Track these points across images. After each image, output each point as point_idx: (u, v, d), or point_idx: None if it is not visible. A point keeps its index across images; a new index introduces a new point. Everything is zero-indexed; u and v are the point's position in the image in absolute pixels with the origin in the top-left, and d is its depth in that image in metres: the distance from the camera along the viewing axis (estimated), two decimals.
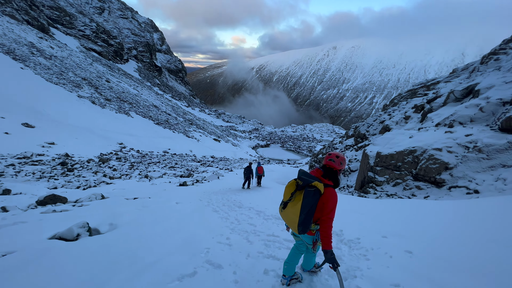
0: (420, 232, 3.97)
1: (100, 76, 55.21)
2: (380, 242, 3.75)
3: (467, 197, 6.98)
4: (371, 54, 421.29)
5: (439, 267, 2.78)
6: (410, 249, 3.35)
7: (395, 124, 17.70)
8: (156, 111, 54.86)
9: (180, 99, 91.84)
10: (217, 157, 39.79)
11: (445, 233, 3.85)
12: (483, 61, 16.71)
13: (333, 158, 2.44)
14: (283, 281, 2.68)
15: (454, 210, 4.99)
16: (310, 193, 2.25)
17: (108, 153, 26.37)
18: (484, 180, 7.19)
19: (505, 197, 5.40)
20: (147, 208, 7.63)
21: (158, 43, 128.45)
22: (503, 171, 7.05)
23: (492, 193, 6.51)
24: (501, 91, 9.86)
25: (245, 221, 5.80)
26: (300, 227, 2.25)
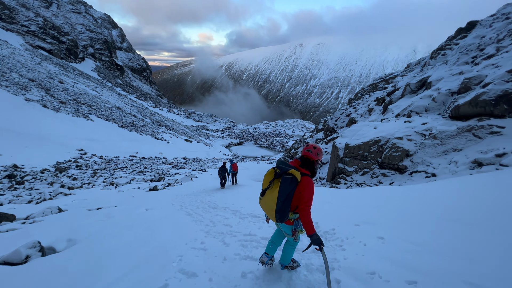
0: (389, 218, 4.15)
1: (52, 76, 49.91)
2: (354, 231, 3.84)
3: (426, 180, 7.60)
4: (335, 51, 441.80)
5: (409, 250, 2.89)
6: (382, 235, 3.46)
7: (360, 117, 18.71)
8: (119, 113, 51.28)
9: (146, 100, 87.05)
10: (190, 158, 38.51)
11: (411, 216, 4.06)
12: (432, 56, 18.37)
13: (310, 149, 2.54)
14: (263, 258, 2.79)
15: (417, 194, 5.34)
16: (287, 180, 2.31)
17: (66, 161, 24.02)
18: (439, 164, 7.89)
19: (458, 178, 5.93)
20: (112, 218, 7.02)
21: (118, 40, 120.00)
22: (455, 154, 7.80)
23: (447, 175, 7.16)
24: (449, 83, 10.90)
25: (220, 222, 5.59)
26: (278, 214, 2.30)
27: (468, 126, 7.92)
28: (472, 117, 8.20)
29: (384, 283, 2.29)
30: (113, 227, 6.07)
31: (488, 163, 6.61)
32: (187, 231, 5.05)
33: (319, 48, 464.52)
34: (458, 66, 12.03)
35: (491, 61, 9.47)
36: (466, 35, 16.38)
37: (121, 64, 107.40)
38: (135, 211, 7.88)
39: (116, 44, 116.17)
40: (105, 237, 5.21)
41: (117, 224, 6.31)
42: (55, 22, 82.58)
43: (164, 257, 3.50)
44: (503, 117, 7.53)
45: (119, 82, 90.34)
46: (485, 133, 7.53)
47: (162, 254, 3.65)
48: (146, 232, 5.21)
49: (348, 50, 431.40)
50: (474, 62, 11.21)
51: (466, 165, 7.04)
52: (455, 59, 13.07)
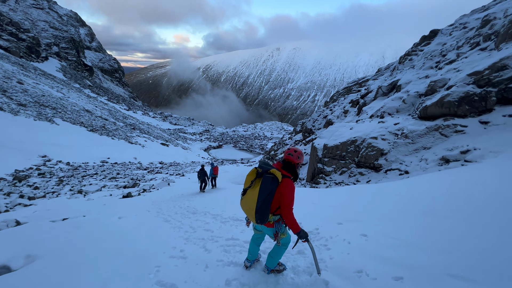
0: (370, 215, 4.23)
1: (9, 76, 45.55)
2: (337, 229, 3.84)
3: (400, 177, 7.98)
4: (311, 56, 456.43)
5: (392, 246, 2.93)
6: (365, 232, 3.49)
7: (337, 118, 19.34)
8: (89, 116, 48.14)
9: (118, 102, 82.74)
10: (166, 163, 37.14)
11: (390, 212, 4.17)
12: (401, 61, 19.61)
13: (291, 153, 2.60)
14: (246, 263, 2.90)
15: (394, 191, 5.54)
16: (268, 179, 2.34)
17: (27, 168, 21.88)
18: (411, 162, 8.34)
19: (429, 175, 6.28)
20: (80, 229, 6.42)
21: (87, 39, 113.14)
22: (425, 152, 8.31)
23: (419, 172, 7.58)
24: (417, 85, 11.67)
25: (201, 228, 5.34)
26: (257, 214, 2.31)
27: (435, 125, 8.49)
28: (439, 117, 8.81)
29: (372, 281, 2.27)
30: (81, 239, 5.54)
31: (454, 160, 7.11)
32: (165, 238, 4.74)
33: (295, 52, 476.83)
34: (424, 70, 12.93)
35: (453, 66, 10.29)
36: (430, 42, 17.71)
37: (90, 64, 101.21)
38: (107, 220, 7.30)
39: (85, 43, 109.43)
40: (71, 251, 4.72)
41: (86, 235, 5.77)
42: (13, 18, 75.72)
43: (140, 268, 3.21)
44: (465, 117, 8.18)
45: (88, 83, 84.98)
46: (450, 131, 8.12)
47: (137, 265, 3.35)
48: (119, 243, 4.81)
49: (323, 55, 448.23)
50: (438, 66, 12.13)
51: (435, 162, 7.51)
52: (421, 64, 14.05)
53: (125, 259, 3.73)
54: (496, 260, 2.16)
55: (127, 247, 4.43)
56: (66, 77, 77.02)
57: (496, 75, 7.62)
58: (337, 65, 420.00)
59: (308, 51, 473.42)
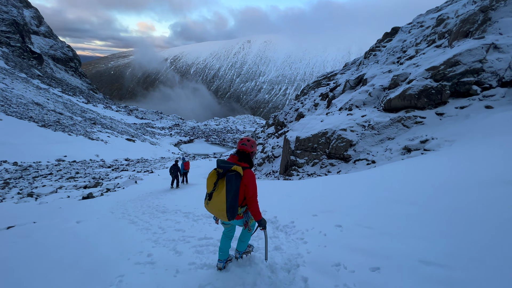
0: (343, 205, 4.29)
1: None
2: (313, 221, 3.82)
3: (368, 167, 8.39)
4: (281, 49, 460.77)
5: (366, 235, 2.96)
6: (339, 222, 3.50)
7: (308, 111, 19.77)
8: (39, 110, 43.09)
9: (75, 94, 75.27)
10: (133, 159, 35.00)
11: (362, 201, 4.28)
12: (366, 56, 20.58)
13: (244, 142, 2.65)
14: (219, 265, 2.79)
15: (363, 180, 5.75)
16: (232, 177, 2.36)
17: None
18: (377, 152, 8.82)
19: (394, 163, 6.65)
20: (28, 238, 5.64)
21: (33, 22, 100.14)
22: (389, 142, 8.83)
23: (384, 162, 8.03)
24: (381, 79, 12.32)
25: (171, 228, 4.99)
26: (229, 213, 2.35)
27: (398, 117, 9.06)
28: (401, 109, 9.41)
29: (350, 274, 2.23)
30: (30, 249, 4.84)
31: (415, 149, 7.66)
32: (131, 243, 4.32)
33: (266, 46, 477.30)
34: (387, 65, 13.70)
35: (413, 61, 11.03)
36: (391, 39, 18.80)
37: (38, 51, 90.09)
38: (62, 226, 6.54)
39: (31, 27, 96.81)
40: (16, 266, 4.07)
41: (36, 245, 5.07)
42: None
43: (99, 280, 2.83)
44: (424, 109, 8.85)
45: (37, 73, 75.72)
46: (411, 123, 8.72)
47: (97, 276, 2.96)
48: (77, 251, 4.27)
49: (293, 49, 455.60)
50: (399, 62, 12.94)
51: (398, 151, 8.02)
52: (384, 59, 14.86)
53: (81, 270, 3.28)
54: (466, 243, 2.26)
55: (86, 255, 3.94)
56: (9, 65, 67.59)
57: (450, 70, 8.31)
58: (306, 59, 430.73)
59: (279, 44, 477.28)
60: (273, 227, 4.05)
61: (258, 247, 3.27)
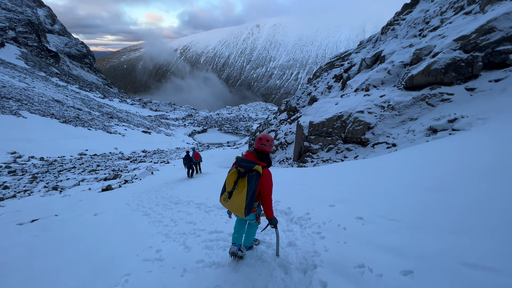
0: (363, 194, 3.92)
1: None
2: (330, 213, 3.50)
3: (388, 151, 7.83)
4: (291, 32, 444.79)
5: (392, 229, 2.61)
6: (360, 214, 3.16)
7: (321, 94, 18.93)
8: (60, 107, 44.84)
9: (91, 90, 77.55)
10: (150, 151, 35.95)
11: (384, 190, 3.88)
12: (383, 31, 19.11)
13: (263, 143, 2.63)
14: (233, 248, 2.78)
15: (384, 165, 5.29)
16: (253, 177, 2.38)
17: None
18: (398, 134, 8.19)
19: (417, 146, 6.07)
20: (48, 232, 5.80)
21: (47, 21, 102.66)
22: (411, 123, 8.15)
23: (406, 144, 7.44)
24: (401, 55, 11.33)
25: (182, 220, 4.89)
26: (246, 209, 2.39)
27: (422, 95, 8.28)
28: (425, 86, 8.59)
29: (377, 278, 1.91)
30: (48, 243, 4.95)
31: (442, 129, 6.98)
32: (142, 236, 4.25)
33: (276, 29, 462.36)
34: (408, 39, 12.56)
35: (438, 32, 9.95)
36: (412, 10, 17.22)
37: (54, 49, 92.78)
38: (80, 219, 6.69)
39: (45, 26, 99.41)
40: (35, 258, 4.15)
41: (54, 239, 5.18)
42: None
43: (106, 280, 2.73)
44: (452, 84, 8.00)
45: (55, 71, 78.41)
46: (437, 100, 7.95)
47: (103, 275, 2.87)
48: (90, 245, 4.28)
49: (304, 31, 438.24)
50: (422, 34, 11.78)
51: (422, 132, 7.37)
52: (404, 32, 13.64)
53: (91, 267, 3.22)
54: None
55: (98, 250, 3.91)
56: (29, 65, 70.39)
57: (483, 39, 7.36)
58: (318, 41, 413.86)
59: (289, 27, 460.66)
60: (286, 219, 3.79)
61: (270, 243, 3.03)
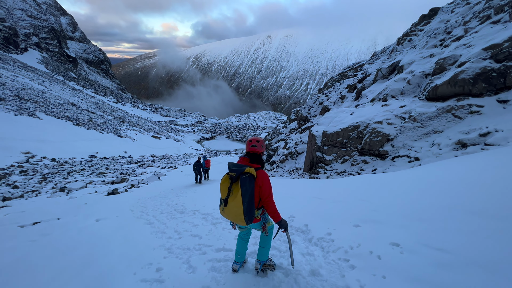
0: (393, 213, 3.42)
1: None
2: (356, 235, 3.02)
3: (410, 165, 7.27)
4: (302, 43, 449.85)
5: (442, 264, 2.11)
6: (395, 239, 2.67)
7: (333, 104, 18.49)
8: (74, 109, 46.06)
9: (106, 95, 79.77)
10: (158, 156, 36.12)
11: (419, 210, 3.36)
12: (399, 42, 18.68)
13: (254, 144, 2.59)
14: (235, 267, 2.73)
15: (410, 180, 4.76)
16: (246, 179, 2.29)
17: (8, 166, 20.53)
18: (421, 147, 7.62)
19: (447, 162, 5.51)
20: (47, 237, 5.50)
21: (69, 29, 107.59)
22: (436, 136, 7.57)
23: (431, 159, 6.86)
24: (422, 65, 10.83)
25: (187, 232, 4.48)
26: (246, 217, 2.28)
27: (447, 106, 7.72)
28: (450, 97, 8.05)
29: None
30: (43, 250, 4.62)
31: (472, 144, 6.40)
32: (143, 249, 3.86)
33: (287, 40, 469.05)
34: (428, 49, 12.08)
35: (462, 42, 9.46)
36: (430, 21, 16.78)
37: (73, 55, 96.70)
38: (81, 224, 6.38)
39: (67, 33, 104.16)
40: (26, 268, 3.81)
41: (51, 245, 4.86)
42: None
43: None
44: (481, 95, 7.44)
45: (73, 75, 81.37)
46: (465, 113, 7.38)
47: None
48: (87, 255, 3.91)
49: (315, 42, 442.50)
50: (444, 44, 11.29)
51: (449, 146, 6.79)
52: (423, 43, 13.18)
53: (83, 283, 2.85)
54: None
55: (93, 263, 3.54)
56: (49, 69, 73.39)
57: None
58: (329, 52, 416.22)
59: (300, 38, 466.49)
60: (304, 239, 3.33)
61: (288, 269, 2.58)
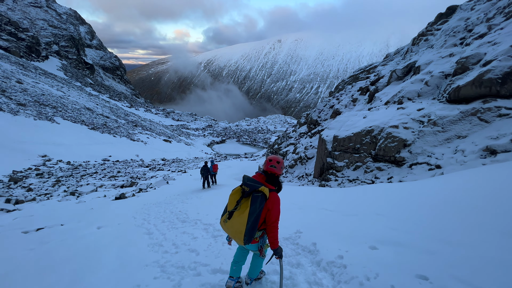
0: (416, 233, 2.93)
1: (8, 76, 45.05)
2: (373, 260, 2.57)
3: (431, 173, 6.64)
4: (313, 47, 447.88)
5: None
6: (421, 270, 2.21)
7: (345, 107, 17.86)
8: (90, 114, 47.53)
9: (120, 100, 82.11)
10: (169, 159, 36.45)
11: (445, 230, 2.86)
12: (414, 42, 17.87)
13: (274, 165, 2.45)
14: (229, 283, 2.61)
15: (434, 192, 4.22)
16: (258, 198, 2.19)
17: (26, 169, 21.21)
18: (443, 154, 6.97)
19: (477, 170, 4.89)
20: (45, 246, 5.34)
21: (87, 37, 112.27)
22: (459, 142, 6.91)
23: (455, 167, 6.22)
24: (440, 65, 10.14)
25: (185, 246, 4.15)
26: (246, 236, 2.18)
27: (472, 109, 7.04)
28: (474, 99, 7.35)
29: None
30: (37, 261, 4.43)
31: (503, 150, 5.73)
32: (135, 265, 3.56)
33: (297, 44, 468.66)
34: (447, 49, 11.35)
35: (486, 39, 8.74)
36: (447, 20, 15.94)
37: (91, 62, 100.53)
38: (82, 231, 6.20)
39: (85, 41, 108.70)
40: (12, 284, 3.58)
41: (46, 256, 4.66)
42: (11, 17, 74.95)
43: None
44: (511, 97, 6.73)
45: (90, 81, 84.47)
46: (492, 116, 6.69)
47: None
48: (77, 271, 3.65)
49: (325, 46, 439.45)
50: (465, 43, 10.54)
51: (476, 153, 6.13)
52: (441, 42, 12.43)
53: None
54: None
55: (80, 280, 3.27)
56: (67, 75, 76.50)
57: None
58: (340, 55, 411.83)
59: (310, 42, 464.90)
60: (311, 262, 2.90)
61: None
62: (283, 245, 3.55)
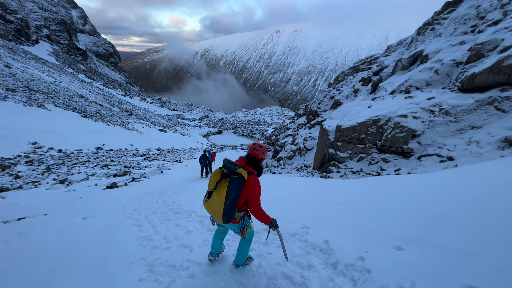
0: (447, 232, 2.49)
1: None
2: (402, 264, 2.13)
3: (442, 165, 6.24)
4: (311, 38, 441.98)
5: None
6: (468, 279, 1.77)
7: (346, 98, 17.35)
8: (82, 101, 46.16)
9: (114, 88, 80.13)
10: (164, 149, 35.83)
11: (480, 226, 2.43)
12: (420, 32, 17.28)
13: (256, 148, 2.55)
14: (211, 258, 2.84)
15: (451, 185, 3.78)
16: (235, 180, 2.27)
17: (14, 156, 20.38)
18: (455, 145, 6.56)
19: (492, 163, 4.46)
20: (22, 237, 4.82)
21: (79, 22, 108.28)
22: (474, 133, 6.49)
23: (469, 159, 5.82)
24: (451, 53, 9.64)
25: (177, 241, 3.68)
26: (225, 215, 2.25)
27: (489, 98, 6.60)
28: (490, 88, 6.91)
29: None
30: (10, 256, 3.92)
31: None
32: (118, 263, 3.09)
33: (296, 35, 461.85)
34: (457, 37, 10.81)
35: (501, 25, 8.23)
36: (455, 9, 15.35)
37: (83, 48, 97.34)
38: (66, 222, 5.69)
39: (77, 26, 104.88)
40: None
41: (21, 249, 4.16)
42: None
43: None
44: None
45: (82, 68, 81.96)
46: (510, 105, 6.27)
47: None
48: (51, 269, 3.16)
49: (324, 38, 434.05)
50: (477, 30, 10.02)
51: (493, 145, 5.74)
52: (450, 30, 11.87)
53: None
54: None
55: (55, 280, 2.79)
56: (59, 61, 74.03)
57: None
58: (338, 48, 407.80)
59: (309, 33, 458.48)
60: (325, 263, 2.46)
61: None
62: (289, 242, 3.11)
